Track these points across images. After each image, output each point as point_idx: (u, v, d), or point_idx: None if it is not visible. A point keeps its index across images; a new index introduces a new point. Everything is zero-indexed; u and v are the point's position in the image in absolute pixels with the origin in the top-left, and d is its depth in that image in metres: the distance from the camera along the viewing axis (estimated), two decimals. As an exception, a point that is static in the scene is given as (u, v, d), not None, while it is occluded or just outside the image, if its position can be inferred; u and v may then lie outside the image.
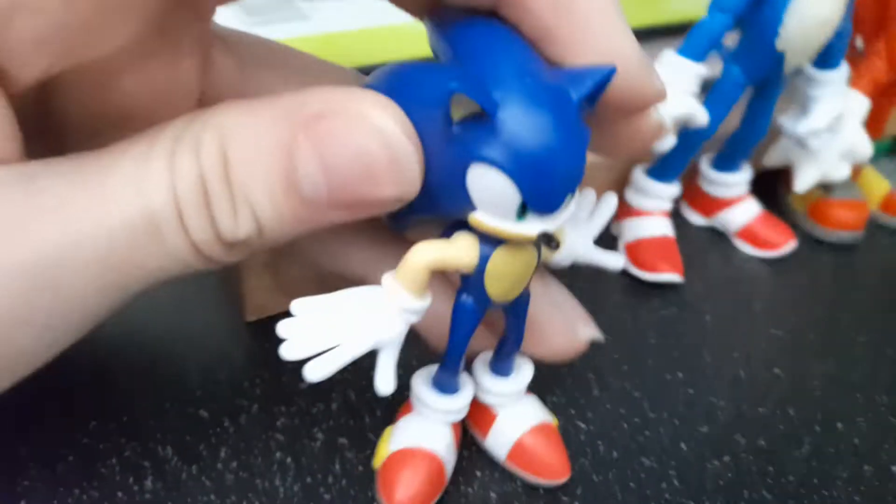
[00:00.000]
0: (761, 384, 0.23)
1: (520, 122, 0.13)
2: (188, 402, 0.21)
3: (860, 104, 0.28)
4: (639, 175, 0.28)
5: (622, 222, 0.28)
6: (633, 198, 0.28)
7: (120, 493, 0.18)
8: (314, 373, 0.15)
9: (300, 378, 0.22)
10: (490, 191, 0.14)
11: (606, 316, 0.25)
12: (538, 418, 0.20)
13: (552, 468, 0.19)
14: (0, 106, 0.13)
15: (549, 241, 0.15)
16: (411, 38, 0.28)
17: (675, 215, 0.29)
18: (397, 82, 0.15)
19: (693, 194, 0.30)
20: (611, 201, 0.19)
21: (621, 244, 0.28)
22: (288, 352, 0.15)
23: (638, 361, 0.24)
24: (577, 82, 0.14)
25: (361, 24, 0.28)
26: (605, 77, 0.14)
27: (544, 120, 0.13)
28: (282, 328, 0.15)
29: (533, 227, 0.14)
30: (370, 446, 0.20)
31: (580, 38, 0.14)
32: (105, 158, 0.14)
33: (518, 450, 0.19)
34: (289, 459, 0.20)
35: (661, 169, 0.27)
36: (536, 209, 0.14)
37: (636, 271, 0.27)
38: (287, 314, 0.15)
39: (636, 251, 0.27)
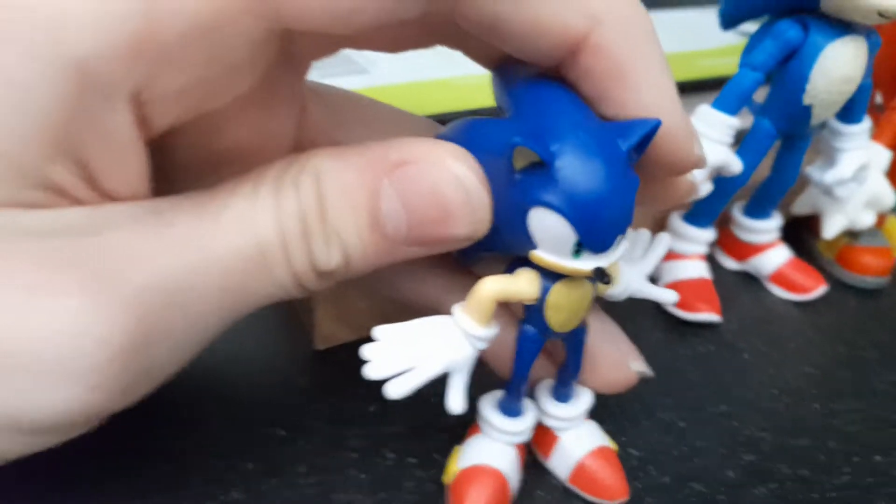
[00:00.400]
0: (799, 418, 0.25)
1: (574, 170, 0.15)
2: (264, 421, 0.22)
3: (883, 156, 0.30)
4: (676, 220, 0.30)
5: (661, 265, 0.30)
6: (671, 242, 0.30)
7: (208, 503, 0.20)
8: (394, 390, 0.16)
9: (368, 402, 0.23)
10: (549, 231, 0.16)
11: (648, 352, 0.26)
12: (598, 442, 0.21)
13: (612, 489, 0.21)
14: (140, 150, 0.15)
15: (602, 276, 0.16)
16: (463, 91, 0.30)
17: (709, 259, 0.31)
18: (468, 134, 0.17)
19: (726, 240, 0.32)
20: (664, 241, 0.21)
21: (661, 285, 0.29)
22: (371, 371, 0.16)
23: (681, 394, 0.25)
24: (625, 134, 0.16)
25: (417, 77, 0.30)
26: (651, 129, 0.16)
27: (596, 168, 0.15)
28: (366, 351, 0.17)
29: (588, 263, 0.16)
30: (437, 465, 0.21)
31: (632, 105, 0.16)
32: (219, 197, 0.16)
33: (580, 471, 0.21)
34: (363, 476, 0.21)
35: (697, 215, 0.29)
36: (591, 248, 0.16)
37: (676, 311, 0.28)
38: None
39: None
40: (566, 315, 0.18)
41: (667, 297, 0.20)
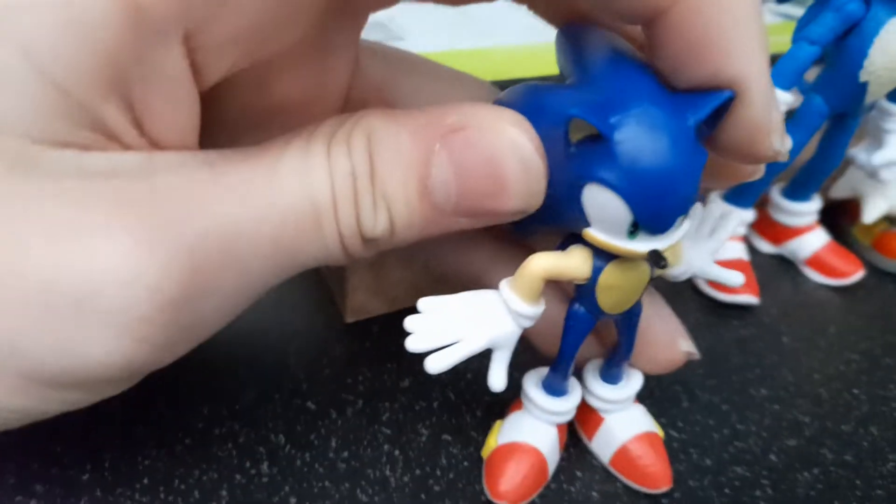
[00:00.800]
0: (842, 403, 0.24)
1: (634, 145, 0.14)
2: (294, 393, 0.22)
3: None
4: (715, 200, 0.29)
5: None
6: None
7: (238, 476, 0.19)
8: (435, 364, 0.15)
9: (401, 377, 0.23)
10: (603, 209, 0.14)
11: (688, 334, 0.26)
12: (644, 427, 0.20)
13: (654, 476, 0.20)
14: (192, 101, 0.15)
15: (658, 260, 0.15)
16: (496, 60, 0.29)
17: (745, 242, 0.30)
18: (527, 101, 0.16)
19: (763, 223, 0.31)
20: (733, 220, 0.19)
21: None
22: (413, 344, 0.15)
23: (722, 377, 0.24)
24: (695, 106, 0.14)
25: (451, 46, 0.29)
26: (724, 101, 0.14)
27: (658, 144, 0.14)
28: (409, 322, 0.16)
29: (643, 245, 0.15)
30: (473, 442, 0.21)
31: (712, 76, 0.14)
32: (272, 150, 0.15)
33: (622, 455, 0.20)
34: (397, 452, 0.20)
35: (739, 195, 0.28)
36: (647, 228, 0.15)
37: (714, 293, 0.28)
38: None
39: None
40: (618, 296, 0.17)
41: (733, 278, 0.19)
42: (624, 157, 0.14)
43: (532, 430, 0.19)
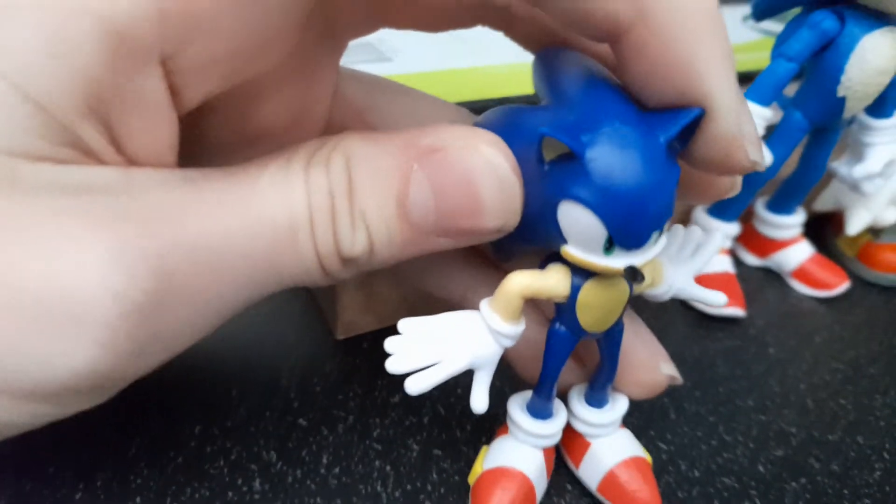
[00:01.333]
0: (828, 413, 0.24)
1: (605, 162, 0.14)
2: (286, 411, 0.22)
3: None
4: (701, 214, 0.29)
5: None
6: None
7: (230, 493, 0.19)
8: (415, 386, 0.16)
9: (391, 393, 0.23)
10: (578, 226, 0.15)
11: (675, 346, 0.26)
12: (631, 451, 0.20)
13: (642, 502, 0.20)
14: (170, 122, 0.15)
15: (634, 275, 0.15)
16: (484, 80, 0.29)
17: (731, 255, 0.31)
18: (502, 122, 0.16)
19: (748, 236, 0.31)
20: (715, 240, 0.19)
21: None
22: (393, 365, 0.16)
23: (709, 388, 0.25)
24: (665, 124, 0.14)
25: (439, 66, 0.30)
26: (693, 119, 0.14)
27: (629, 160, 0.14)
28: (389, 344, 0.16)
29: (619, 261, 0.15)
30: (464, 457, 0.21)
31: (680, 94, 0.14)
32: (252, 169, 0.15)
33: (609, 480, 0.20)
34: (388, 467, 0.20)
35: (723, 208, 0.29)
36: (622, 244, 0.15)
37: (701, 305, 0.28)
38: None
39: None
40: (598, 315, 0.17)
41: (715, 298, 0.19)
42: (596, 175, 0.14)
43: (518, 454, 0.19)
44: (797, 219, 0.30)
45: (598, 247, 0.15)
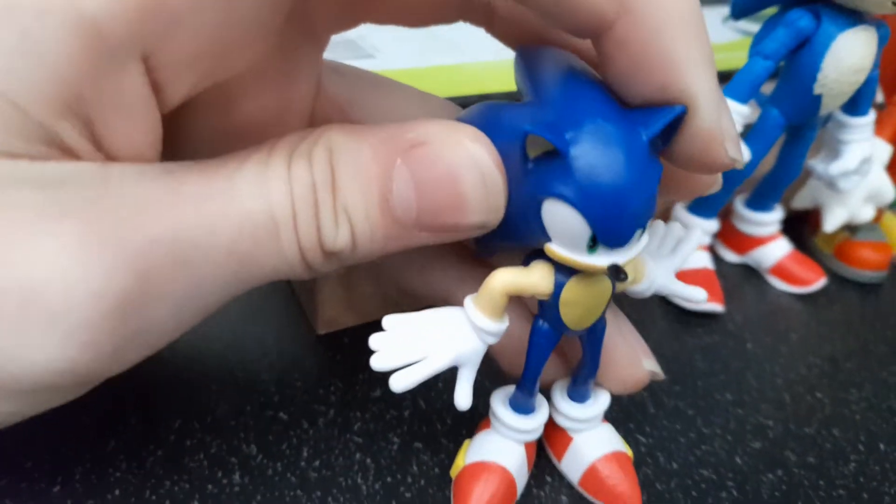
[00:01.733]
0: (805, 407, 0.25)
1: (590, 160, 0.14)
2: (266, 405, 0.22)
3: (884, 150, 0.30)
4: (680, 211, 0.29)
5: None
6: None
7: (210, 486, 0.19)
8: (399, 383, 0.16)
9: (372, 387, 0.23)
10: (562, 223, 0.15)
11: (655, 341, 0.27)
12: (612, 446, 0.20)
13: (623, 496, 0.20)
14: (152, 119, 0.15)
15: (617, 273, 0.15)
16: (465, 77, 0.30)
17: (710, 252, 0.31)
18: (485, 118, 0.16)
19: (727, 233, 0.32)
20: (695, 237, 0.19)
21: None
22: (378, 362, 0.16)
23: (688, 383, 0.25)
24: (648, 121, 0.14)
25: (421, 63, 0.30)
26: (676, 116, 0.14)
27: (613, 159, 0.14)
28: (374, 341, 0.16)
29: (603, 259, 0.15)
30: (444, 450, 0.21)
31: (661, 92, 0.14)
32: (233, 162, 0.15)
33: (591, 475, 0.20)
34: (368, 460, 0.21)
35: (702, 205, 0.29)
36: (606, 242, 0.15)
37: (680, 301, 0.28)
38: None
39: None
40: (581, 312, 0.17)
41: (695, 294, 0.19)
42: (580, 173, 0.14)
43: (500, 448, 0.19)
44: (775, 216, 0.31)
45: (582, 245, 0.15)
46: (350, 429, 0.21)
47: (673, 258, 0.19)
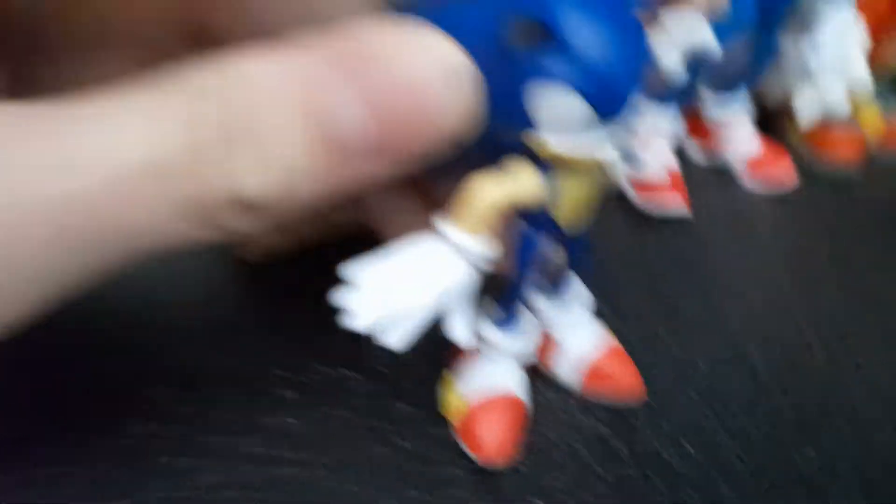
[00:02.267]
0: (779, 308, 0.23)
1: (582, 35, 0.13)
2: (192, 343, 0.20)
3: (859, 28, 0.27)
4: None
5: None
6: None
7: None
8: (394, 339, 0.14)
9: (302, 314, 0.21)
10: (555, 109, 0.13)
11: (618, 247, 0.25)
12: (606, 342, 0.19)
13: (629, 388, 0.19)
14: None
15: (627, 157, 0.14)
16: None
17: (679, 155, 0.29)
18: (436, 15, 0.14)
19: (695, 126, 0.29)
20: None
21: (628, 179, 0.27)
22: (352, 321, 0.13)
23: (653, 288, 0.23)
24: None
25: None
26: None
27: (605, 28, 0.13)
28: (340, 299, 0.13)
29: (596, 144, 0.14)
30: (378, 376, 0.19)
31: None
32: (106, 98, 0.12)
33: (594, 374, 0.19)
34: (293, 394, 0.19)
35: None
36: (604, 113, 0.13)
37: (644, 205, 0.26)
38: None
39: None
40: (575, 208, 0.15)
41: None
42: (575, 49, 0.13)
43: (502, 376, 0.17)
44: (740, 95, 0.28)
45: (578, 129, 0.13)
46: (272, 361, 0.20)
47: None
